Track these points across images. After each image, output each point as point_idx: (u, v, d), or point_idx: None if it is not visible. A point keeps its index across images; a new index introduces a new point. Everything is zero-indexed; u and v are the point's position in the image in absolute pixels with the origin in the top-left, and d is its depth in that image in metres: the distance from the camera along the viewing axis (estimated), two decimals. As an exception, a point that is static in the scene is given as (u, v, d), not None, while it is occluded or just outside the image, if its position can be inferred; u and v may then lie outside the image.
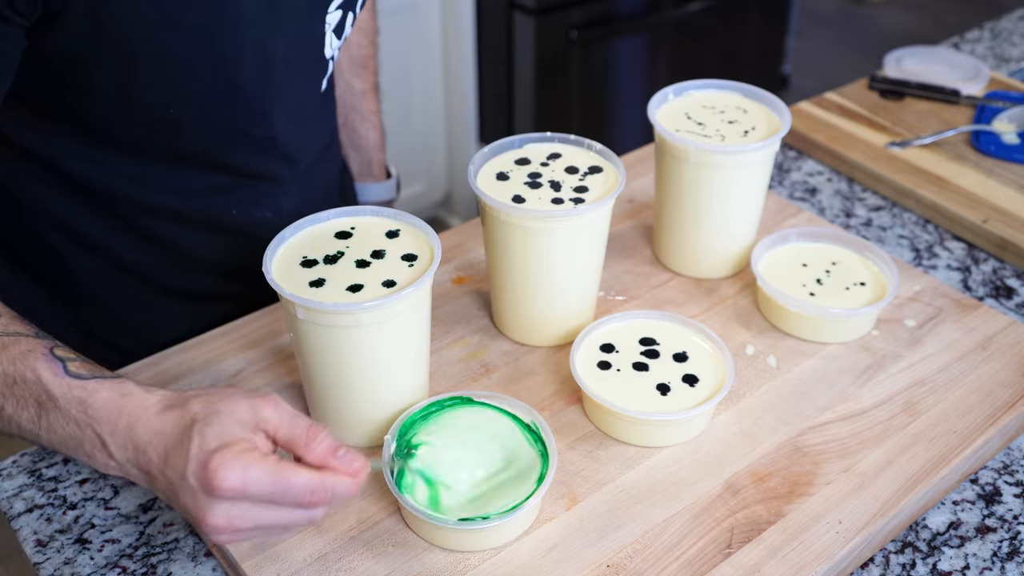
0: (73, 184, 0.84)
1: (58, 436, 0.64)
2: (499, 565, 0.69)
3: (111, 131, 0.81)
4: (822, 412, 0.82)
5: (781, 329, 0.90)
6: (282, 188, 0.93)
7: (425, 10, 2.29)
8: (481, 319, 0.91)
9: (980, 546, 0.75)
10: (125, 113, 0.79)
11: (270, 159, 0.90)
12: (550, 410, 0.82)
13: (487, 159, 0.87)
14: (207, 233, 0.91)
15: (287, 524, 0.62)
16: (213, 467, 0.58)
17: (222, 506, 0.59)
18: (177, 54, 0.75)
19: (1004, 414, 0.81)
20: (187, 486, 0.59)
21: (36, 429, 0.65)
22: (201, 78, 0.78)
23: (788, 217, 1.05)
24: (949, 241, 1.07)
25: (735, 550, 0.70)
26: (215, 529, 0.60)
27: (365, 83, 1.16)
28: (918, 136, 1.20)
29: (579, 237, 0.82)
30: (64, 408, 0.63)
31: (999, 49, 1.48)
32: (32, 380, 0.64)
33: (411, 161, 2.44)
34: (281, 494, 0.60)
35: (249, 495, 0.59)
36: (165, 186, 0.86)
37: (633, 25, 2.39)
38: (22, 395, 0.64)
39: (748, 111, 0.95)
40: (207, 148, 0.85)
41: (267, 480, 0.59)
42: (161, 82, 0.77)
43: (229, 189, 0.89)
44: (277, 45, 0.82)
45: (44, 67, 0.74)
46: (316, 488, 0.61)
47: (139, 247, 0.89)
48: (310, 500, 0.61)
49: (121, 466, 0.63)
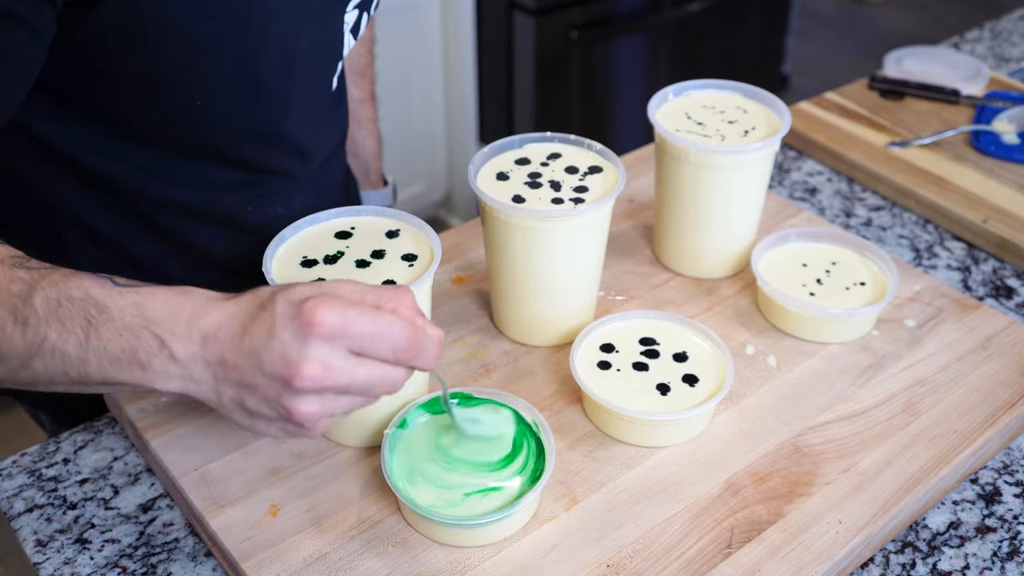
0: (89, 178, 0.84)
1: (109, 353, 0.59)
2: (499, 565, 0.69)
3: (132, 123, 0.81)
4: (822, 412, 0.82)
5: (781, 329, 0.90)
6: (296, 185, 0.93)
7: (425, 10, 2.29)
8: (481, 319, 0.91)
9: (980, 546, 0.75)
10: (149, 104, 0.79)
11: (285, 155, 0.90)
12: (550, 410, 0.82)
13: (487, 159, 0.87)
14: (220, 229, 0.91)
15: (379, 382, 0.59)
16: (310, 306, 0.56)
17: (320, 349, 0.56)
18: (207, 43, 0.76)
19: (1004, 414, 0.81)
20: (273, 347, 0.56)
21: (83, 353, 0.59)
22: (226, 70, 0.78)
23: (788, 217, 1.05)
24: (949, 241, 1.07)
25: (735, 550, 0.70)
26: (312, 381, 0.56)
27: (363, 91, 1.17)
28: (918, 136, 1.20)
29: (579, 237, 0.82)
30: (117, 317, 0.59)
31: (999, 49, 1.48)
32: (79, 297, 0.60)
33: (411, 161, 2.44)
34: (381, 336, 0.57)
35: (349, 333, 0.56)
36: (181, 181, 0.86)
37: (633, 25, 2.39)
38: (68, 317, 0.59)
39: (748, 111, 0.95)
40: (226, 142, 0.85)
41: (367, 319, 0.57)
42: (190, 72, 0.77)
43: (244, 185, 0.90)
44: (299, 41, 0.82)
45: (74, 54, 0.74)
46: (411, 335, 0.58)
47: (152, 243, 0.89)
48: (405, 347, 0.58)
49: (184, 367, 0.59)
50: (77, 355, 0.60)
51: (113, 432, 0.84)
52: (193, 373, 0.59)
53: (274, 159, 0.90)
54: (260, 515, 0.72)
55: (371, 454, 0.77)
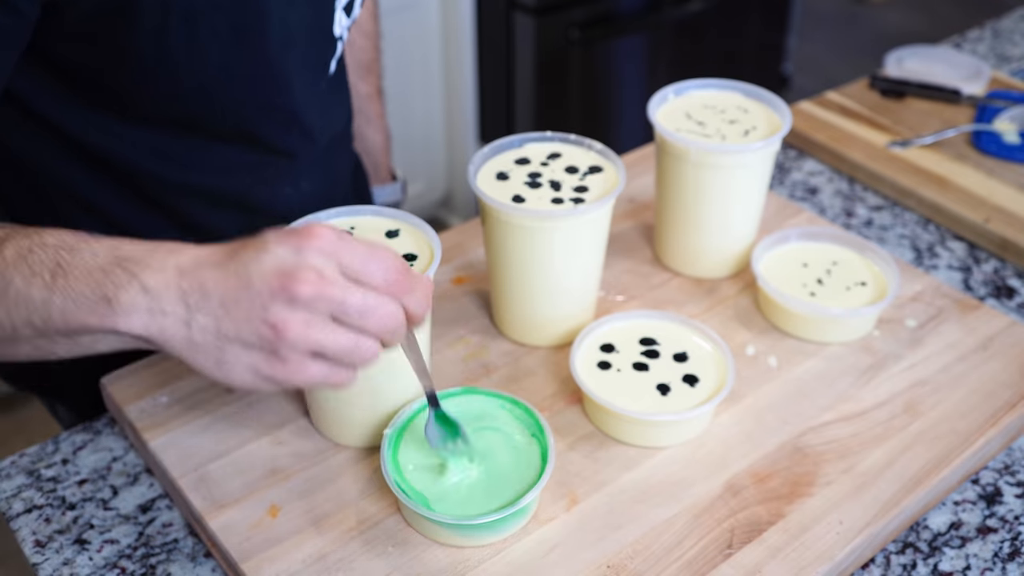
0: (98, 160, 0.84)
1: (74, 292, 0.57)
2: (499, 565, 0.69)
3: (139, 103, 0.81)
4: (823, 412, 0.81)
5: (782, 329, 0.90)
6: (302, 166, 0.93)
7: (425, 10, 2.29)
8: (481, 319, 0.91)
9: (981, 547, 0.75)
10: (152, 82, 0.78)
11: (291, 134, 0.90)
12: (550, 410, 0.81)
13: (487, 159, 0.86)
14: (228, 210, 0.91)
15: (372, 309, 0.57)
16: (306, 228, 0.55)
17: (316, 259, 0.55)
18: (206, 17, 0.76)
19: (1005, 414, 0.81)
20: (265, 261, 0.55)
21: (48, 295, 0.57)
22: (228, 44, 0.78)
23: (788, 217, 1.05)
24: (950, 241, 1.07)
25: (736, 551, 0.70)
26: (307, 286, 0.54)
27: (369, 87, 1.16)
28: (919, 136, 1.19)
29: (579, 237, 0.82)
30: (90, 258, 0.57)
31: (1000, 48, 1.48)
32: (53, 244, 0.59)
33: (411, 161, 2.44)
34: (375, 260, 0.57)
35: (343, 252, 0.56)
36: (187, 161, 0.86)
37: (633, 25, 2.39)
38: (38, 262, 0.58)
39: (748, 111, 0.95)
40: (232, 121, 0.85)
41: (361, 244, 0.57)
42: (190, 48, 0.77)
43: (251, 167, 0.90)
44: (293, 16, 0.82)
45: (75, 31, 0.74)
46: (403, 267, 0.58)
47: (162, 226, 0.90)
48: (396, 278, 0.58)
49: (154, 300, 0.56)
50: (41, 298, 0.58)
51: (112, 432, 0.84)
52: (163, 305, 0.56)
53: (279, 138, 0.90)
54: (260, 515, 0.72)
55: (371, 454, 0.77)
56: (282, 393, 0.82)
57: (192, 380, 0.83)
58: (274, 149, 0.90)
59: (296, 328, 0.55)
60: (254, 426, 0.79)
